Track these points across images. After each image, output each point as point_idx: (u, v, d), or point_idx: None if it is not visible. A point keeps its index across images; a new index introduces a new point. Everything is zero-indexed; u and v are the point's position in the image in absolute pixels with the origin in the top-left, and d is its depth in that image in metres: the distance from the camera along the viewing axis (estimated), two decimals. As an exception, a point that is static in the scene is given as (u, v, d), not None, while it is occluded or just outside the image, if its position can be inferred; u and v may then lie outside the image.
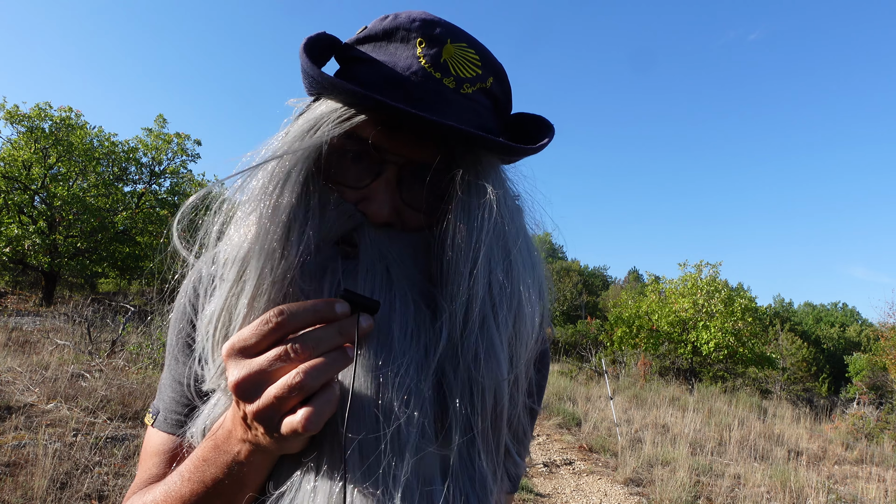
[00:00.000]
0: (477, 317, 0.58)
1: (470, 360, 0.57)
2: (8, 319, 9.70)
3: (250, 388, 0.49)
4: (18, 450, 3.86)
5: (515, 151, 0.62)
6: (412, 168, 0.62)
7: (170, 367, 0.71)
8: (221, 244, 0.61)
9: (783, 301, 45.84)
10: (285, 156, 0.59)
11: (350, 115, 0.59)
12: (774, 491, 5.86)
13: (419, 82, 0.60)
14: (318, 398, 0.48)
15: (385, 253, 0.60)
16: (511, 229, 0.62)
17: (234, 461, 0.54)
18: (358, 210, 0.61)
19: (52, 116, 13.95)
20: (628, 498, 5.21)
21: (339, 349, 0.50)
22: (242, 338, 0.50)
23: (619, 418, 8.37)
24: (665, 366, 18.62)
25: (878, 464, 8.14)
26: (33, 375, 5.75)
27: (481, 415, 0.58)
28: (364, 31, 0.64)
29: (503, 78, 0.66)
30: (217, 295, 0.58)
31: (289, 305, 0.50)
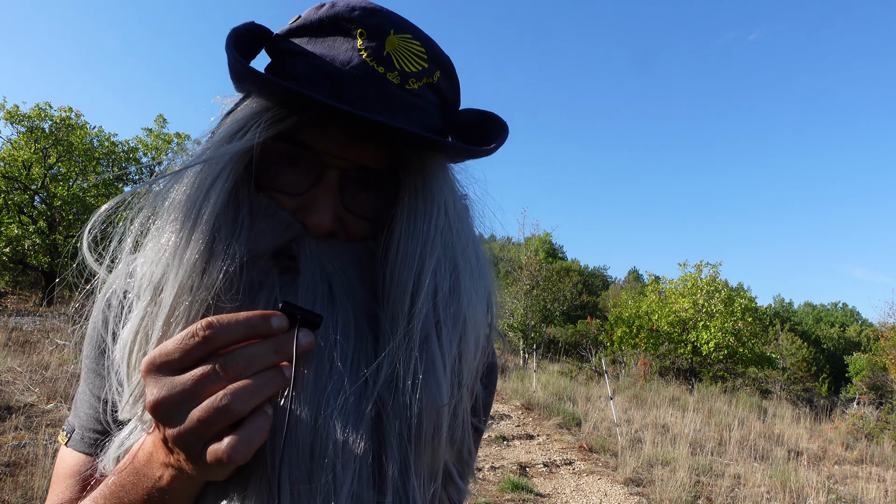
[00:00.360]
0: (418, 336, 0.53)
1: (409, 384, 0.52)
2: (8, 319, 9.71)
3: (171, 410, 0.43)
4: (18, 450, 3.86)
5: (468, 154, 0.58)
6: (355, 172, 0.57)
7: (86, 380, 0.66)
8: (138, 257, 0.55)
9: (783, 301, 45.87)
10: (210, 160, 0.53)
11: (284, 116, 0.54)
12: (774, 491, 5.86)
13: (360, 78, 0.54)
14: (247, 424, 0.43)
15: (327, 267, 0.55)
16: (459, 238, 0.58)
17: (155, 487, 0.48)
18: (296, 219, 0.56)
19: (52, 116, 13.96)
20: (628, 498, 5.21)
21: (275, 369, 0.45)
22: (164, 352, 0.44)
23: (619, 418, 8.37)
24: (665, 366, 18.63)
25: (878, 464, 8.14)
26: (33, 375, 5.75)
27: (418, 443, 0.53)
28: (298, 21, 0.58)
29: (451, 72, 0.62)
30: (134, 314, 0.53)
31: (219, 317, 0.44)
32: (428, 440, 0.54)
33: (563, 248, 41.76)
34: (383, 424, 0.53)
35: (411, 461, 0.53)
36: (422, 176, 0.58)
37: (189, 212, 0.52)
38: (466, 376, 0.58)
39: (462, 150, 0.57)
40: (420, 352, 0.53)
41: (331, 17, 0.56)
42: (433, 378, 0.54)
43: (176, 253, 0.51)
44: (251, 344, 0.45)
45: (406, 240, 0.55)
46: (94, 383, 0.64)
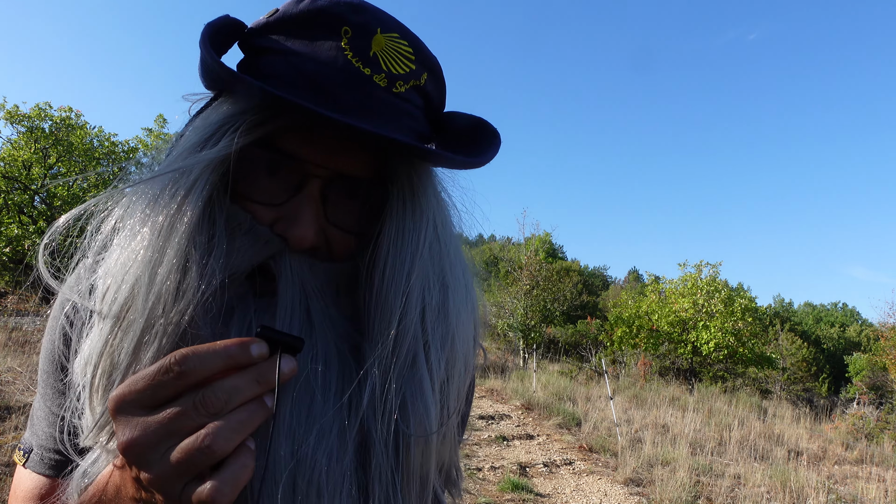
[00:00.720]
0: (406, 358, 0.51)
1: (396, 410, 0.50)
2: (8, 319, 9.71)
3: (146, 452, 0.39)
4: (18, 450, 3.86)
5: (460, 166, 0.55)
6: (339, 181, 0.53)
7: (44, 397, 0.61)
8: (100, 272, 0.51)
9: (783, 301, 45.87)
10: (183, 169, 0.49)
11: (262, 120, 0.50)
12: (774, 491, 5.86)
13: (345, 80, 0.50)
14: (231, 463, 0.40)
15: (307, 288, 0.51)
16: (447, 253, 0.56)
17: None
18: (275, 234, 0.51)
19: (52, 116, 13.97)
20: (628, 498, 5.21)
21: (257, 401, 0.42)
22: (135, 389, 0.40)
23: (619, 418, 8.38)
24: (665, 366, 18.63)
25: (878, 464, 8.14)
26: (33, 375, 5.75)
27: (406, 472, 0.51)
28: (276, 14, 0.53)
29: (438, 73, 0.58)
30: (96, 334, 0.48)
31: (194, 349, 0.41)
32: (416, 469, 0.52)
33: (563, 248, 41.78)
34: (369, 454, 0.50)
35: (399, 491, 0.51)
36: (410, 187, 0.55)
37: (160, 226, 0.47)
38: (454, 398, 0.56)
39: (455, 161, 0.53)
40: (407, 375, 0.51)
41: (313, 11, 0.51)
42: (421, 403, 0.51)
43: (146, 271, 0.46)
44: (230, 376, 0.41)
45: (394, 256, 0.52)
46: (52, 400, 0.60)
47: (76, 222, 0.52)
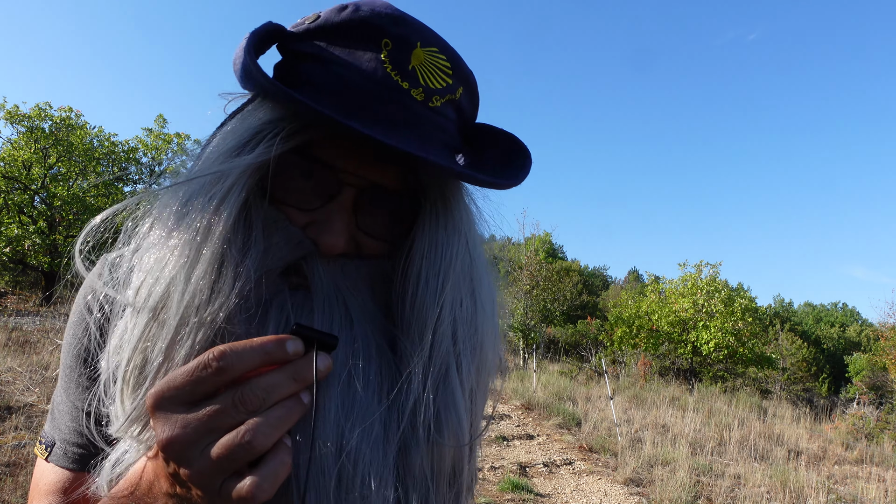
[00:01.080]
0: (439, 370, 0.52)
1: (430, 419, 0.51)
2: (8, 319, 9.70)
3: (185, 450, 0.40)
4: (18, 450, 3.86)
5: (493, 186, 0.55)
6: (372, 191, 0.54)
7: (66, 390, 0.61)
8: (135, 269, 0.51)
9: (783, 301, 45.89)
10: (221, 172, 0.49)
11: (300, 129, 0.50)
12: (774, 491, 5.86)
13: (383, 93, 0.51)
14: (270, 459, 0.40)
15: (341, 285, 0.52)
16: (476, 266, 0.57)
17: None
18: (307, 237, 0.53)
19: (52, 116, 13.96)
20: (628, 498, 5.21)
21: (294, 397, 0.43)
22: (174, 385, 0.41)
23: (619, 418, 8.38)
24: (665, 366, 18.64)
25: (878, 464, 8.14)
26: (33, 375, 5.75)
27: (439, 477, 0.53)
28: (317, 21, 0.53)
29: (473, 87, 0.59)
30: (128, 327, 0.49)
31: (231, 346, 0.41)
32: (448, 474, 0.53)
33: (563, 248, 41.79)
34: (406, 455, 0.51)
35: (433, 494, 0.52)
36: (442, 200, 0.56)
37: (197, 227, 0.48)
38: (481, 407, 0.58)
39: (488, 183, 0.54)
40: (441, 386, 0.52)
41: (355, 21, 0.52)
42: (454, 414, 0.52)
43: (182, 270, 0.47)
44: (268, 373, 0.42)
45: (427, 268, 0.54)
46: (75, 394, 0.60)
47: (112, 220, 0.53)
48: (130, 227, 0.53)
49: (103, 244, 0.54)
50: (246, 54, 0.48)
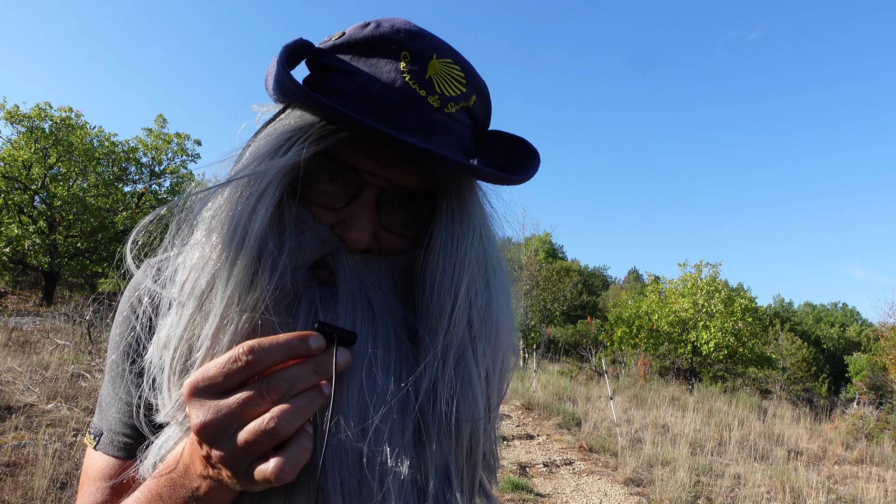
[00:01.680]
0: (456, 352, 0.56)
1: (448, 398, 0.55)
2: (8, 319, 9.70)
3: (216, 434, 0.45)
4: (18, 450, 3.86)
5: (504, 182, 0.60)
6: (392, 191, 0.59)
7: (114, 384, 0.65)
8: (178, 262, 0.56)
9: (783, 301, 45.89)
10: (256, 174, 0.54)
11: (328, 133, 0.55)
12: (774, 491, 5.86)
13: (403, 101, 0.56)
14: (292, 444, 0.45)
15: (365, 281, 0.57)
16: (490, 258, 0.61)
17: (193, 497, 0.50)
18: (334, 234, 0.57)
19: (52, 116, 13.96)
20: (628, 498, 5.21)
21: (315, 388, 0.47)
22: (207, 376, 0.45)
23: (619, 418, 8.38)
24: (665, 366, 18.64)
25: (878, 464, 8.14)
26: (33, 375, 5.75)
27: (458, 453, 0.56)
28: (342, 38, 0.59)
29: (485, 95, 0.64)
30: (174, 320, 0.53)
31: (259, 341, 0.46)
32: (466, 452, 0.57)
33: (563, 248, 41.78)
34: (425, 435, 0.54)
35: (452, 471, 0.56)
36: (458, 199, 0.60)
37: (237, 225, 0.52)
38: (497, 390, 0.61)
39: (498, 178, 0.58)
40: (457, 367, 0.56)
41: (376, 37, 0.57)
42: (470, 392, 0.56)
43: (225, 264, 0.51)
44: (292, 365, 0.46)
45: (444, 260, 0.57)
46: (121, 388, 0.64)
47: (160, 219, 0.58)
48: (174, 228, 0.57)
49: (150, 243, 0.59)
50: (279, 66, 0.53)
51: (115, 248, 14.72)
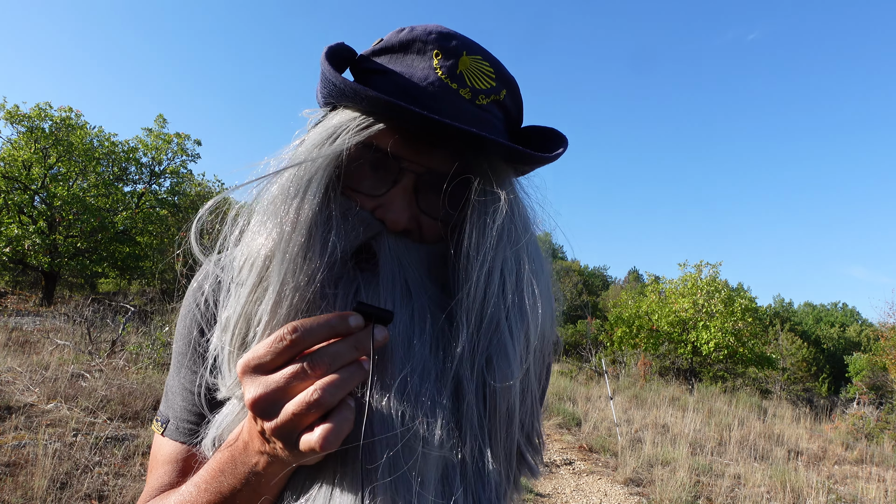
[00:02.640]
0: (489, 321, 0.58)
1: (483, 365, 0.58)
2: (8, 319, 9.70)
3: (267, 406, 0.49)
4: (18, 450, 3.86)
5: (531, 159, 0.63)
6: (429, 176, 0.62)
7: (179, 374, 0.70)
8: (238, 250, 0.61)
9: (783, 301, 45.86)
10: (305, 163, 0.59)
11: (369, 124, 0.60)
12: (774, 491, 5.86)
13: (436, 92, 0.60)
14: (335, 415, 0.48)
15: (403, 263, 0.61)
16: (522, 237, 0.63)
17: (252, 472, 0.54)
18: (376, 218, 0.62)
19: (52, 116, 13.95)
20: (628, 498, 5.21)
21: (355, 363, 0.50)
22: (257, 355, 0.50)
23: (619, 418, 8.37)
24: (665, 366, 18.63)
25: (878, 464, 8.14)
26: (33, 375, 5.75)
27: (494, 418, 0.58)
28: (380, 43, 0.65)
29: (516, 91, 0.67)
30: (233, 301, 0.58)
31: (302, 322, 0.50)
32: (503, 417, 0.59)
33: (562, 248, 41.66)
34: (462, 402, 0.57)
35: (486, 436, 0.58)
36: (490, 180, 0.63)
37: (289, 208, 0.57)
38: (533, 361, 0.63)
39: (527, 155, 0.61)
40: (492, 336, 0.59)
41: (410, 39, 0.63)
42: (504, 360, 0.59)
43: (279, 245, 0.56)
44: (334, 342, 0.50)
45: (475, 237, 0.61)
46: (186, 377, 0.70)
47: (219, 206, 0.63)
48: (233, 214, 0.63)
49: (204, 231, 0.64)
50: (327, 62, 0.60)
51: (115, 247, 14.73)
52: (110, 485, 3.63)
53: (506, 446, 0.60)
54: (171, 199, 16.77)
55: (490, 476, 0.58)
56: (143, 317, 11.29)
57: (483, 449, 0.58)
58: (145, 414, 5.18)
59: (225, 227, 0.63)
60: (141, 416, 5.13)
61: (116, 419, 4.88)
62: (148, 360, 7.16)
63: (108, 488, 3.58)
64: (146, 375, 6.52)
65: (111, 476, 3.77)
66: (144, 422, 5.02)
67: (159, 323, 8.76)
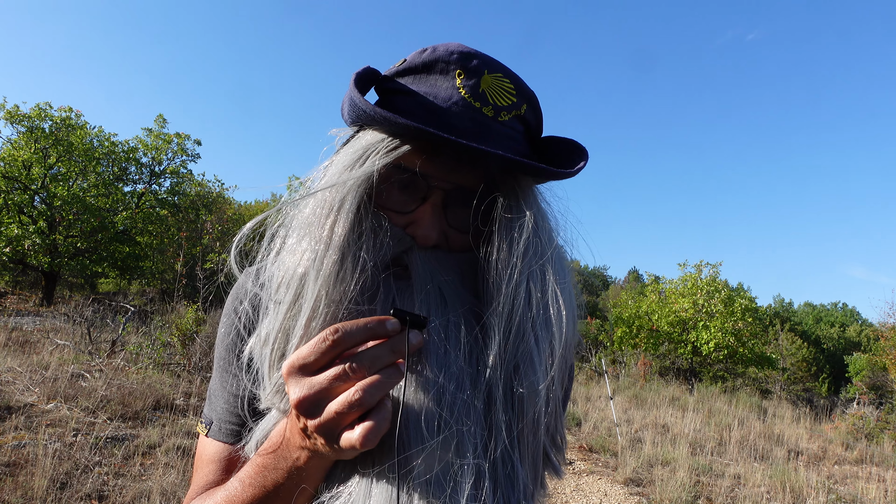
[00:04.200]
0: (516, 329, 0.61)
1: (511, 371, 0.60)
2: (8, 319, 9.70)
3: (311, 406, 0.52)
4: (18, 450, 3.86)
5: (555, 176, 0.65)
6: (456, 193, 0.65)
7: (222, 378, 0.74)
8: (274, 268, 0.64)
9: (783, 301, 45.86)
10: (337, 185, 0.62)
11: (397, 146, 0.62)
12: (774, 491, 5.86)
13: (460, 112, 0.63)
14: (374, 414, 0.51)
15: (435, 273, 0.63)
16: (547, 248, 0.65)
17: (294, 466, 0.57)
18: (407, 234, 0.64)
19: (52, 116, 13.95)
20: (628, 498, 5.21)
21: (394, 366, 0.53)
22: (301, 356, 0.53)
23: (619, 418, 8.37)
24: (665, 366, 18.62)
25: (878, 464, 8.14)
26: (33, 375, 5.74)
27: (522, 422, 0.61)
28: (403, 64, 0.67)
29: (535, 104, 0.70)
30: (272, 318, 0.61)
31: (344, 324, 0.53)
32: (529, 422, 0.61)
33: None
34: (493, 408, 0.60)
35: (515, 440, 0.61)
36: (515, 196, 0.66)
37: (322, 228, 0.60)
38: (558, 369, 0.65)
39: (551, 173, 0.64)
40: (519, 345, 0.61)
41: (432, 60, 0.65)
42: (530, 365, 0.61)
43: (313, 264, 0.59)
44: (372, 345, 0.53)
45: (503, 250, 0.63)
46: (229, 382, 0.73)
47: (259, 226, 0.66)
48: (268, 237, 0.66)
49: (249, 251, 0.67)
50: (356, 88, 0.63)
51: (115, 247, 14.73)
52: (110, 485, 3.63)
53: (533, 449, 0.63)
54: (171, 199, 16.77)
55: (519, 478, 0.60)
56: (143, 317, 11.29)
57: (512, 453, 0.60)
58: (145, 414, 5.18)
59: (262, 246, 0.66)
60: (141, 416, 5.13)
61: (116, 419, 4.88)
62: (148, 360, 7.16)
63: (108, 488, 3.58)
64: (146, 375, 6.51)
65: (111, 476, 3.78)
66: (144, 422, 5.02)
67: (159, 323, 8.75)
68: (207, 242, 12.84)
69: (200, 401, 5.96)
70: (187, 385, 6.46)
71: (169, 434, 4.77)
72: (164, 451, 4.36)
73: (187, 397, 6.01)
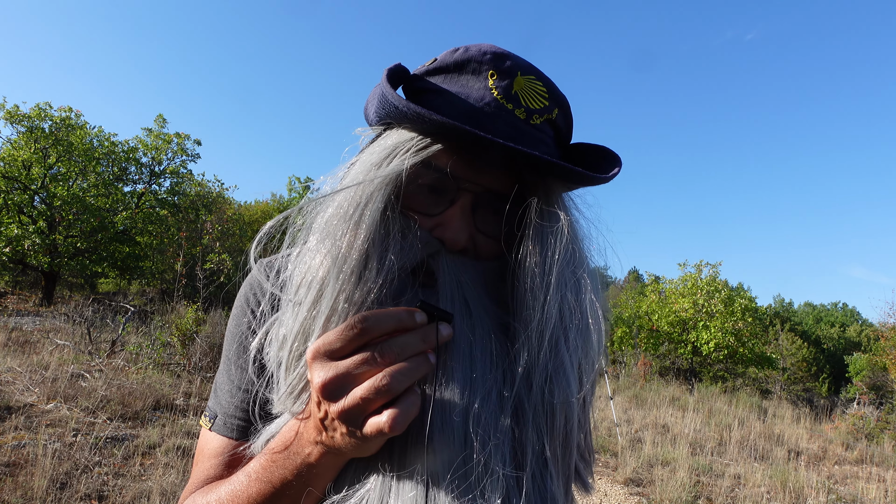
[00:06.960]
0: (549, 340, 0.59)
1: (543, 383, 0.58)
2: (8, 319, 9.70)
3: (336, 389, 0.50)
4: (18, 450, 3.86)
5: (591, 181, 0.63)
6: (486, 196, 0.63)
7: (228, 372, 0.72)
8: (294, 268, 0.62)
9: (783, 301, 45.83)
10: (364, 183, 0.59)
11: (427, 145, 0.60)
12: (774, 491, 5.86)
13: (493, 113, 0.61)
14: (402, 401, 0.49)
15: (461, 280, 0.61)
16: (580, 254, 0.64)
17: (304, 463, 0.55)
18: (434, 237, 0.62)
19: (52, 116, 13.95)
20: (628, 498, 5.21)
21: (422, 355, 0.52)
22: (327, 342, 0.51)
23: (619, 418, 8.37)
24: (665, 366, 18.62)
25: (878, 464, 8.14)
26: (33, 375, 5.74)
27: (552, 436, 0.59)
28: (434, 63, 0.66)
29: (567, 109, 0.68)
30: (290, 319, 0.59)
31: (372, 312, 0.51)
32: (560, 432, 0.59)
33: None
34: (522, 417, 0.58)
35: (548, 455, 0.58)
36: (546, 201, 0.64)
37: (346, 228, 0.57)
38: (590, 376, 0.63)
39: (587, 177, 0.61)
40: (551, 354, 0.59)
41: (465, 60, 0.63)
42: (563, 376, 0.59)
43: (334, 265, 0.56)
44: (401, 335, 0.51)
45: (535, 256, 0.61)
46: (236, 375, 0.71)
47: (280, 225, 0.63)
48: (289, 236, 0.63)
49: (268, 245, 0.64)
50: (387, 83, 0.61)
51: (115, 247, 14.72)
52: (110, 485, 3.63)
53: (564, 464, 0.61)
54: (171, 199, 16.77)
55: (550, 493, 0.58)
56: (143, 317, 11.29)
57: (544, 466, 0.58)
58: (145, 414, 5.18)
59: (283, 246, 0.64)
60: (141, 416, 5.12)
61: (116, 419, 4.88)
62: (148, 360, 7.16)
63: (107, 488, 3.58)
64: (146, 375, 6.51)
65: (111, 476, 3.77)
66: (144, 422, 5.02)
67: (159, 323, 8.75)
68: (207, 242, 12.85)
69: (200, 401, 5.96)
70: (187, 385, 6.46)
71: (169, 434, 4.77)
72: (164, 451, 4.36)
73: (187, 397, 6.01)
